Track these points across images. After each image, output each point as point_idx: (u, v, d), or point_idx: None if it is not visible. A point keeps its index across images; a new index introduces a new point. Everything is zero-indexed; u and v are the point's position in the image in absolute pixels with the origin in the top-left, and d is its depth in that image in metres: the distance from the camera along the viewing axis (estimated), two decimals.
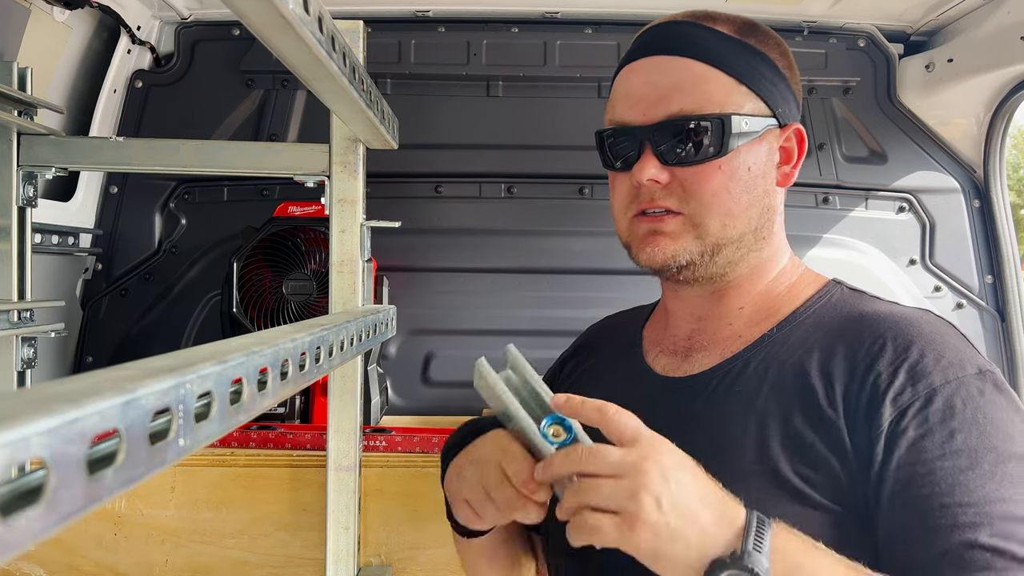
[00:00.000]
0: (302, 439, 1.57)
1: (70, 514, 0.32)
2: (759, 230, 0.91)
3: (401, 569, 1.51)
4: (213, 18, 1.96)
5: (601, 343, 1.12)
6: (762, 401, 0.85)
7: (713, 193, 0.87)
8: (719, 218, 0.88)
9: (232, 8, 0.61)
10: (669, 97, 0.88)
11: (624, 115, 0.92)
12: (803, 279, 0.96)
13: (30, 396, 0.32)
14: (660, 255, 0.90)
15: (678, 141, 0.87)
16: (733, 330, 0.93)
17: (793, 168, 0.93)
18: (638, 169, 0.88)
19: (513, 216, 2.04)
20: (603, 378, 1.05)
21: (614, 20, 2.01)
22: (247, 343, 0.56)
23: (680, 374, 0.94)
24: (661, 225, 0.90)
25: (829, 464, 0.79)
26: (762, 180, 0.90)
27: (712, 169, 0.87)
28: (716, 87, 0.88)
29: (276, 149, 1.35)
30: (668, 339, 1.00)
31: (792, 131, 0.93)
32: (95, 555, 1.48)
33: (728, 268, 0.92)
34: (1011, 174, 18.16)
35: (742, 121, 0.87)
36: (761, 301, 0.94)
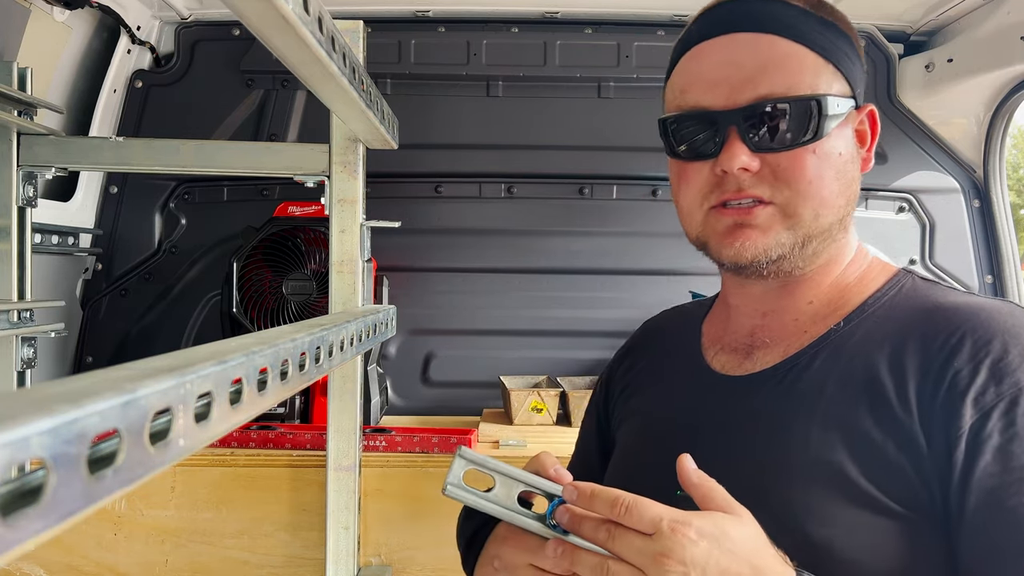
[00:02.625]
0: (302, 439, 1.57)
1: (70, 514, 0.32)
2: (844, 220, 0.85)
3: (401, 569, 1.51)
4: (213, 18, 1.96)
5: (657, 341, 1.05)
6: (827, 400, 0.79)
7: (808, 180, 0.80)
8: (813, 207, 0.80)
9: (232, 8, 0.61)
10: (756, 78, 0.80)
11: (701, 99, 0.83)
12: (872, 268, 0.88)
13: (30, 396, 0.32)
14: (750, 250, 0.82)
15: (769, 125, 0.79)
16: (799, 325, 0.87)
17: (868, 151, 0.87)
18: (726, 156, 0.80)
19: (513, 216, 2.04)
20: (660, 379, 0.99)
21: (614, 20, 2.01)
22: (247, 343, 0.56)
23: (741, 372, 0.88)
24: (749, 218, 0.81)
25: (901, 467, 0.73)
26: (851, 165, 0.84)
27: (806, 154, 0.80)
28: (805, 65, 0.81)
29: (276, 149, 1.36)
30: (729, 336, 0.93)
31: (866, 113, 0.86)
32: (95, 555, 1.48)
33: (810, 261, 0.85)
34: (1011, 174, 18.16)
35: (834, 102, 0.80)
36: (830, 294, 0.87)
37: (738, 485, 0.77)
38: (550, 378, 1.99)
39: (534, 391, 1.85)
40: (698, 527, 0.63)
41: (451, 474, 0.73)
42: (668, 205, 2.02)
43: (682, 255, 2.05)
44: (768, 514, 0.73)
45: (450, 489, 0.73)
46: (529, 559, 0.73)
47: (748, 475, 0.78)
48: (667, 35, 2.02)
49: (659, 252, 2.05)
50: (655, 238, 2.05)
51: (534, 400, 1.82)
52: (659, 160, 2.07)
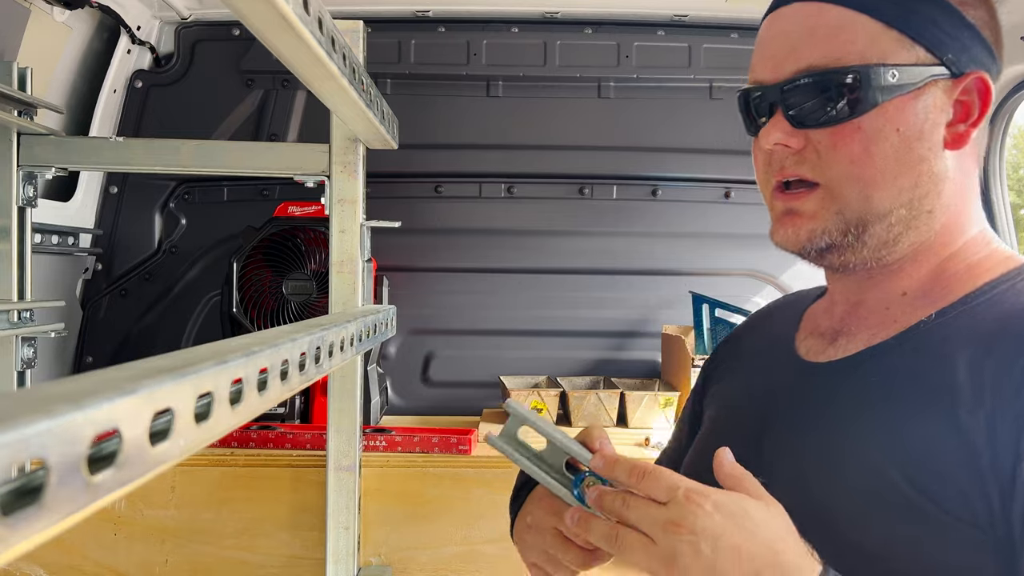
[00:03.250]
0: (302, 439, 1.57)
1: (70, 514, 0.32)
2: (917, 202, 0.76)
3: (401, 569, 1.51)
4: (213, 18, 1.96)
5: (762, 325, 1.01)
6: (896, 398, 0.73)
7: (851, 158, 0.74)
8: (859, 188, 0.74)
9: (232, 8, 0.61)
10: (799, 49, 0.75)
11: (758, 73, 0.80)
12: (990, 258, 0.79)
13: (30, 396, 0.32)
14: (794, 237, 0.77)
15: (810, 99, 0.74)
16: (889, 315, 0.80)
17: (971, 126, 0.76)
18: (764, 133, 0.77)
19: (513, 216, 2.04)
20: (749, 361, 0.95)
21: (614, 20, 2.01)
22: (247, 343, 0.56)
23: (822, 359, 0.83)
24: (798, 203, 0.77)
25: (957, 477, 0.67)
26: (917, 143, 0.74)
27: (850, 130, 0.73)
28: (855, 34, 0.74)
29: (276, 149, 1.36)
30: (823, 322, 0.87)
31: (971, 81, 0.75)
32: (95, 555, 1.48)
33: (884, 251, 0.77)
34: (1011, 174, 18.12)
35: (888, 72, 0.73)
36: (929, 283, 0.79)
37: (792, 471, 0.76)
38: (550, 378, 1.99)
39: (534, 391, 1.85)
40: (716, 501, 0.61)
41: (505, 427, 0.74)
42: (668, 205, 2.05)
43: (682, 255, 2.06)
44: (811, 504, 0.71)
45: (491, 439, 0.74)
46: (555, 523, 0.74)
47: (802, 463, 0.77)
48: (667, 35, 2.02)
49: (659, 252, 2.05)
50: (655, 238, 2.05)
51: (534, 400, 1.82)
52: (659, 160, 2.09)
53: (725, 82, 2.02)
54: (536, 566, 0.80)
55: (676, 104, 2.03)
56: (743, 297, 2.01)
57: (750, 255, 2.03)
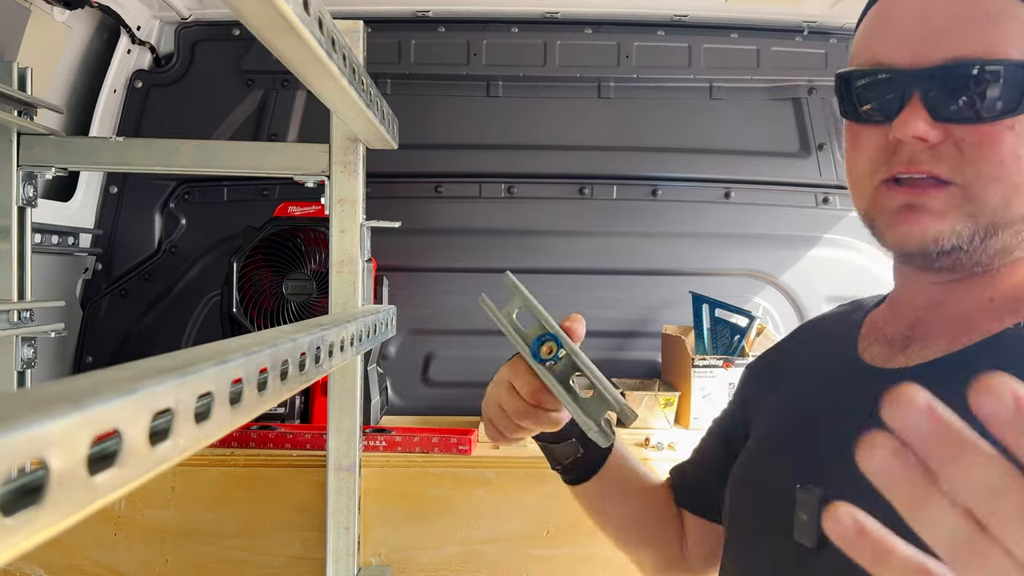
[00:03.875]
0: (302, 439, 1.57)
1: (70, 514, 0.32)
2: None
3: (401, 569, 1.51)
4: (213, 18, 1.96)
5: (804, 340, 0.97)
6: None
7: (1000, 161, 0.67)
8: (1002, 193, 0.68)
9: (232, 8, 0.60)
10: (949, 34, 0.68)
11: (884, 54, 0.71)
12: None
13: (30, 396, 0.32)
14: (918, 236, 0.70)
15: (959, 91, 0.67)
16: (970, 321, 0.74)
17: None
18: (901, 123, 0.68)
19: (513, 216, 2.04)
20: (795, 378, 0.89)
21: (614, 20, 2.01)
22: (247, 343, 0.56)
23: (892, 365, 0.77)
24: (923, 199, 0.69)
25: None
26: None
27: (1001, 130, 0.67)
28: (1014, 24, 0.67)
29: (276, 149, 1.36)
30: (890, 327, 0.81)
31: None
32: (95, 555, 1.48)
33: (998, 258, 0.72)
34: None
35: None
36: (1012, 292, 0.74)
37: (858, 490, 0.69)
38: None
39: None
40: None
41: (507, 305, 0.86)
42: (668, 205, 2.05)
43: (682, 255, 2.06)
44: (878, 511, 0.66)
45: (483, 297, 0.86)
46: (510, 376, 0.83)
47: None
48: (667, 35, 2.02)
49: (659, 252, 2.05)
50: (655, 238, 2.05)
51: None
52: (659, 160, 2.09)
53: (725, 82, 2.02)
54: (490, 423, 0.87)
55: (676, 104, 2.03)
56: (743, 297, 2.01)
57: (750, 255, 2.03)
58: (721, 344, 1.90)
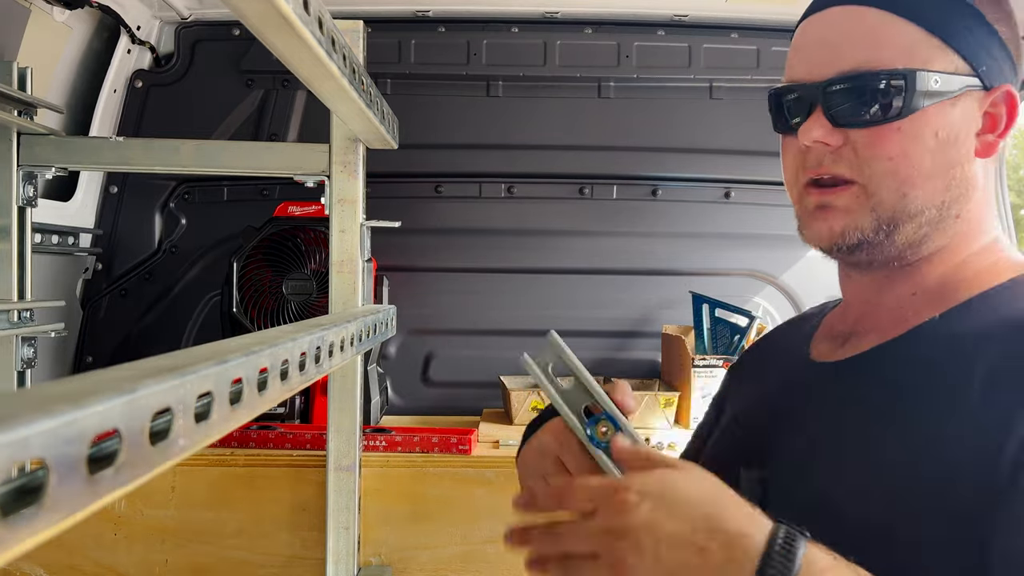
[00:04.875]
0: (302, 439, 1.57)
1: (70, 514, 0.32)
2: (948, 205, 0.78)
3: (401, 569, 1.51)
4: (213, 18, 1.96)
5: (777, 337, 1.04)
6: (902, 395, 0.75)
7: (890, 157, 0.76)
8: (896, 186, 0.76)
9: (232, 8, 0.61)
10: (841, 51, 0.78)
11: (796, 73, 0.82)
12: (998, 265, 0.81)
13: (30, 396, 0.32)
14: (827, 232, 0.79)
15: (852, 99, 0.77)
16: (899, 315, 0.82)
17: (999, 137, 0.80)
18: (804, 130, 0.78)
19: (513, 216, 2.04)
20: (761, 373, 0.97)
21: (614, 20, 2.01)
22: (247, 343, 0.56)
23: (831, 359, 0.85)
24: (831, 198, 0.79)
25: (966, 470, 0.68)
26: (952, 148, 0.77)
27: (890, 131, 0.76)
28: (899, 39, 0.76)
29: (276, 149, 1.36)
30: (839, 324, 0.90)
31: (1001, 94, 0.79)
32: (95, 555, 1.48)
33: (909, 251, 0.79)
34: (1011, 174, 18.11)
35: (930, 78, 0.75)
36: (939, 286, 0.81)
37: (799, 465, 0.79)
38: None
39: (534, 391, 1.85)
40: (638, 488, 0.61)
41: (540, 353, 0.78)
42: (668, 205, 2.05)
43: (682, 255, 2.06)
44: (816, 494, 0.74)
45: (525, 357, 0.78)
46: (558, 451, 0.77)
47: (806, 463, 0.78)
48: (667, 35, 2.02)
49: (659, 252, 2.05)
50: (655, 238, 2.05)
51: (534, 400, 1.82)
52: (659, 160, 2.09)
53: (725, 82, 2.02)
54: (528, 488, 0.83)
55: (676, 104, 2.03)
56: (743, 297, 2.02)
57: (750, 255, 2.03)
58: (721, 344, 1.90)
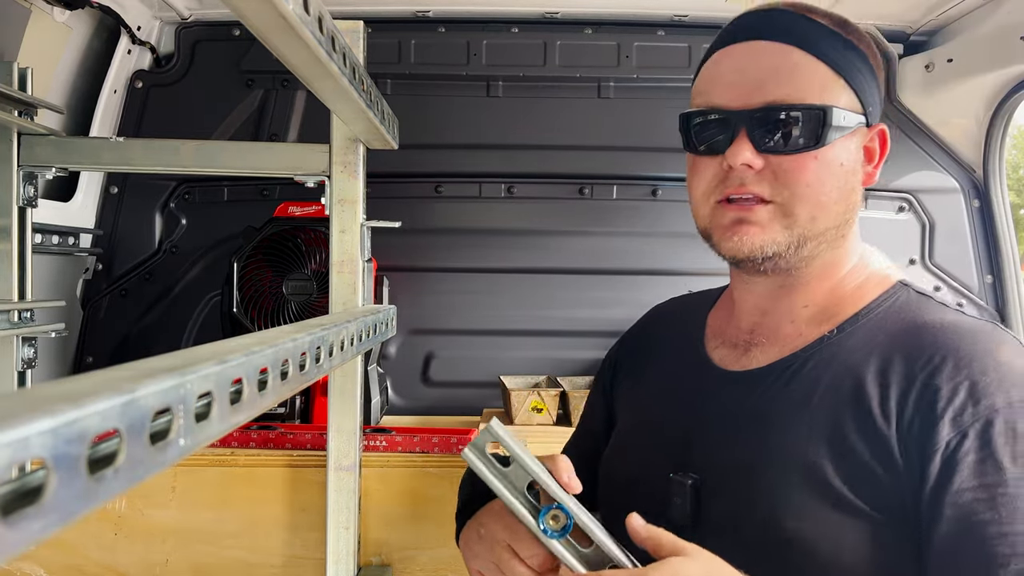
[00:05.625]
0: (302, 439, 1.57)
1: (70, 514, 0.32)
2: (841, 227, 0.89)
3: (401, 569, 1.51)
4: (213, 18, 1.96)
5: (664, 327, 1.10)
6: (814, 404, 0.83)
7: (807, 183, 0.85)
8: (809, 209, 0.85)
9: (232, 8, 0.61)
10: (766, 83, 0.85)
11: (718, 99, 0.88)
12: (870, 280, 0.92)
13: (30, 396, 0.32)
14: (747, 245, 0.86)
15: (776, 128, 0.85)
16: (795, 328, 0.91)
17: (875, 168, 0.91)
18: (732, 153, 0.85)
19: (513, 216, 2.04)
20: (661, 366, 1.03)
21: (614, 20, 2.01)
22: (247, 343, 0.56)
23: (738, 368, 0.93)
24: (750, 214, 0.86)
25: (875, 474, 0.78)
26: (852, 176, 0.88)
27: (808, 159, 0.84)
28: (816, 77, 0.85)
29: (276, 149, 1.36)
30: (731, 330, 0.97)
31: (877, 131, 0.91)
32: (95, 555, 1.48)
33: (804, 263, 0.89)
34: (1011, 174, 18.16)
35: (841, 114, 0.85)
36: (826, 300, 0.91)
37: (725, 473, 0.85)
38: (550, 378, 1.99)
39: (534, 391, 1.85)
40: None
41: (477, 439, 0.75)
42: (668, 205, 2.05)
43: (682, 255, 2.05)
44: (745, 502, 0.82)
45: (466, 452, 0.75)
46: (508, 539, 0.79)
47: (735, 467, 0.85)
48: (667, 35, 2.02)
49: (659, 252, 2.05)
50: (655, 238, 2.05)
51: (534, 400, 1.82)
52: (659, 160, 2.09)
53: None
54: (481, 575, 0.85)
55: (676, 104, 2.02)
56: None
57: None
58: None
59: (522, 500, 0.74)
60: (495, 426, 0.75)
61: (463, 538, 0.91)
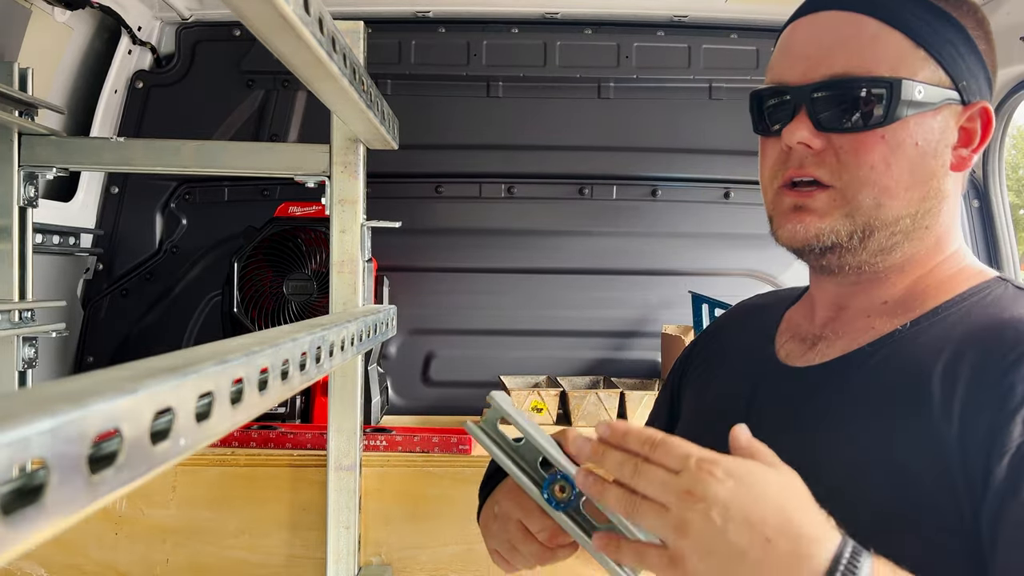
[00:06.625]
0: (303, 439, 1.57)
1: (71, 513, 0.32)
2: (921, 216, 0.79)
3: (401, 568, 1.51)
4: (214, 19, 1.96)
5: (737, 324, 1.04)
6: (869, 404, 0.76)
7: (871, 165, 0.77)
8: (873, 195, 0.77)
9: (232, 9, 0.61)
10: (832, 55, 0.78)
11: (782, 74, 0.82)
12: (962, 273, 0.82)
13: (31, 396, 0.32)
14: (802, 233, 0.80)
15: (837, 104, 0.78)
16: (868, 322, 0.83)
17: (973, 152, 0.81)
18: (788, 131, 0.79)
19: (513, 216, 2.04)
20: (729, 358, 0.97)
21: (614, 20, 2.01)
22: (247, 343, 0.56)
23: (800, 363, 0.85)
24: (808, 200, 0.79)
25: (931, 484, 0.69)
26: (932, 159, 0.78)
27: (874, 139, 0.77)
28: (888, 47, 0.77)
29: (277, 149, 1.36)
30: (805, 325, 0.90)
31: (977, 110, 0.80)
32: (96, 554, 1.49)
33: (879, 258, 0.80)
34: (1010, 174, 18.14)
35: (915, 88, 0.76)
36: (908, 294, 0.82)
37: None
38: (550, 378, 1.99)
39: (534, 391, 1.85)
40: (727, 467, 0.61)
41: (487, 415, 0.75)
42: (668, 205, 2.06)
43: (682, 255, 2.06)
44: None
45: (468, 424, 0.76)
46: (520, 516, 0.77)
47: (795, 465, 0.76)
48: (667, 35, 2.02)
49: (659, 252, 2.05)
50: (655, 238, 2.05)
51: (534, 400, 1.83)
52: (659, 160, 2.09)
53: (725, 82, 2.02)
54: (498, 553, 0.84)
55: (676, 104, 2.04)
56: (743, 297, 2.01)
57: (750, 255, 2.04)
58: None
59: (530, 473, 0.73)
60: (497, 397, 0.75)
61: (482, 519, 0.88)
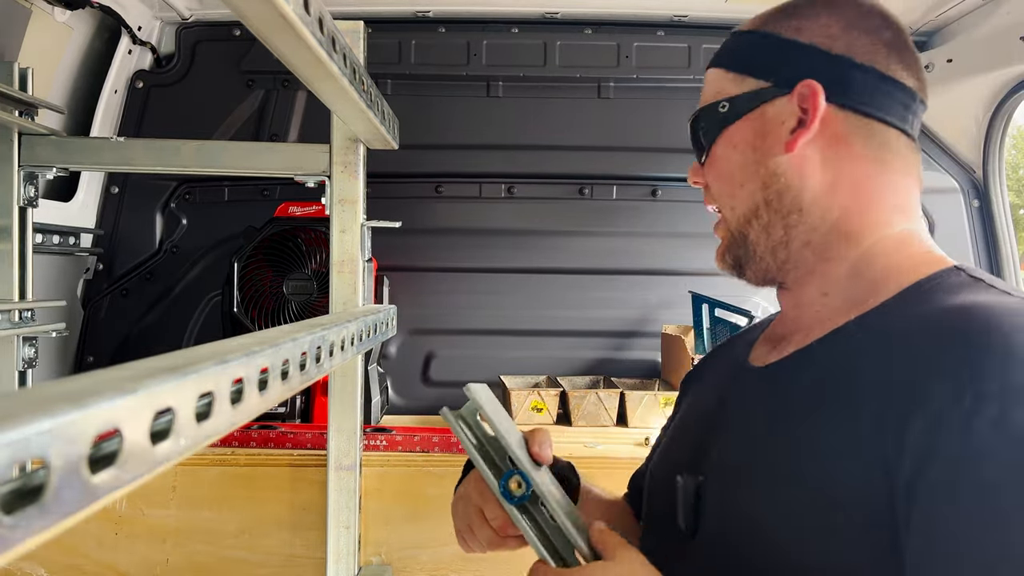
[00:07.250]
0: (303, 439, 1.57)
1: (71, 514, 0.32)
2: (773, 201, 0.83)
3: (401, 568, 1.51)
4: (214, 18, 1.96)
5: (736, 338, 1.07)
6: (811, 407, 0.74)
7: (715, 178, 0.88)
8: (727, 202, 0.88)
9: (232, 9, 0.61)
10: None
11: None
12: (910, 261, 0.79)
13: (31, 396, 0.32)
14: (719, 259, 0.92)
15: (695, 144, 0.91)
16: (819, 317, 0.82)
17: (803, 130, 0.80)
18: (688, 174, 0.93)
19: (513, 216, 2.05)
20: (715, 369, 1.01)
21: (614, 20, 2.01)
22: (248, 343, 0.56)
23: (758, 363, 0.87)
24: (717, 232, 0.92)
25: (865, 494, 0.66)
26: (752, 152, 0.84)
27: (712, 159, 0.88)
28: (710, 85, 0.90)
29: (277, 149, 1.36)
30: (777, 329, 0.92)
31: (801, 89, 0.81)
32: (96, 554, 1.49)
33: (780, 253, 0.84)
34: (1010, 174, 18.13)
35: (719, 105, 0.87)
36: (849, 285, 0.81)
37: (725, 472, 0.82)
38: (550, 378, 1.99)
39: (534, 391, 1.85)
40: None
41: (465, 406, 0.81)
42: (668, 205, 2.06)
43: (682, 255, 2.06)
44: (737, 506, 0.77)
45: (444, 411, 0.82)
46: (479, 502, 0.86)
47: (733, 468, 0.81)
48: (667, 35, 2.02)
49: (659, 252, 2.05)
50: (655, 238, 2.05)
51: (534, 400, 1.83)
52: (659, 160, 2.09)
53: None
54: (459, 532, 0.94)
55: (676, 104, 2.03)
56: (743, 297, 2.02)
57: None
58: None
59: (496, 464, 0.79)
60: (473, 389, 0.79)
61: (454, 497, 0.96)
